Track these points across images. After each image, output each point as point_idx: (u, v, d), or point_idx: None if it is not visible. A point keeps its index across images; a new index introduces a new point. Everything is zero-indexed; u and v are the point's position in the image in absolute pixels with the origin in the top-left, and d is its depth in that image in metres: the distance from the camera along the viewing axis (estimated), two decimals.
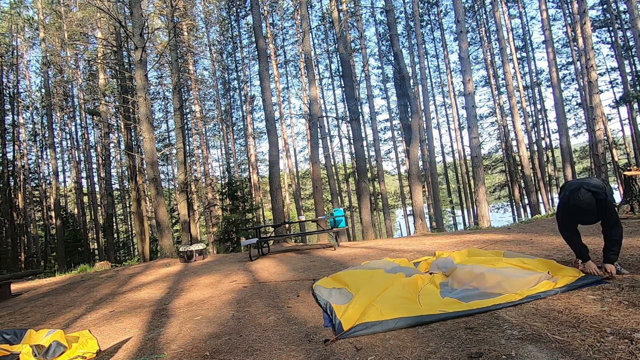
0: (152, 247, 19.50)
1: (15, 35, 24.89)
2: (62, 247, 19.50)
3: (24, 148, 27.06)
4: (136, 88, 10.93)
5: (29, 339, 2.86)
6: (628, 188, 6.24)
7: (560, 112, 18.32)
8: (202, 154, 27.96)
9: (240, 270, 6.32)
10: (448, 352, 2.08)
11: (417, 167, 13.64)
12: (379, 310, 2.77)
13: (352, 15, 21.22)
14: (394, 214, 37.76)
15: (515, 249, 4.61)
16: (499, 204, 31.64)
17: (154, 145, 10.17)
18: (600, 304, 2.45)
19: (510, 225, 8.90)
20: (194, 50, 23.27)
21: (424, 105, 19.60)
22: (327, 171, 21.77)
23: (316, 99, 13.34)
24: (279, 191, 12.64)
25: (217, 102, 28.46)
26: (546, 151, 25.41)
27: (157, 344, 2.99)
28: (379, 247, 7.00)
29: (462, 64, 11.93)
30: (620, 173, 16.17)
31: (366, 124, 26.73)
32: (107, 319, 4.07)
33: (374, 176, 25.31)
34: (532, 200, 19.33)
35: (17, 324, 4.39)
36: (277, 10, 27.80)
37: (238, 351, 2.60)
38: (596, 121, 14.34)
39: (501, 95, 24.85)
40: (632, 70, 22.32)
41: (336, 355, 2.27)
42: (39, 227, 29.01)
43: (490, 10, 24.59)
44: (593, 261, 3.08)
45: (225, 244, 16.81)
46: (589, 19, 15.39)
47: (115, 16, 12.79)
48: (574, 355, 1.84)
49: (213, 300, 4.29)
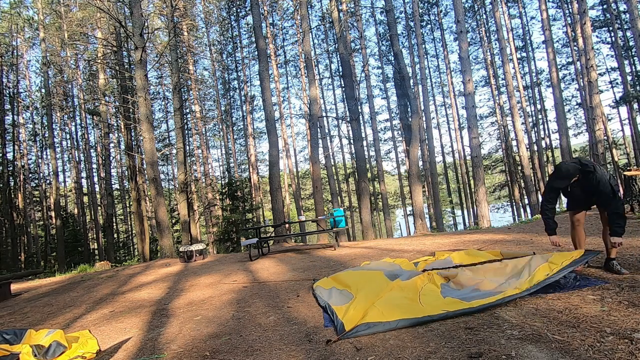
0: (152, 247, 19.50)
1: (15, 35, 24.89)
2: (62, 247, 19.49)
3: (24, 148, 27.07)
4: (136, 88, 10.93)
5: (29, 339, 2.86)
6: (628, 188, 6.24)
7: (560, 112, 18.32)
8: (202, 154, 27.96)
9: (240, 270, 6.32)
10: (448, 352, 2.08)
11: (417, 167, 13.64)
12: (380, 311, 2.77)
13: (352, 15, 21.22)
14: (394, 214, 37.75)
15: (515, 249, 4.61)
16: (499, 204, 31.63)
17: (154, 145, 10.17)
18: (600, 304, 2.45)
19: (511, 225, 8.90)
20: (194, 50, 23.26)
21: (424, 105, 19.59)
22: (327, 171, 21.77)
23: (316, 99, 13.34)
24: (279, 191, 12.64)
25: (217, 102, 28.46)
26: (546, 151, 25.40)
27: (157, 344, 2.99)
28: (379, 247, 7.00)
29: (462, 64, 11.93)
30: (620, 173, 16.16)
31: (366, 124, 26.74)
32: (107, 319, 4.07)
33: (374, 176, 25.31)
34: (532, 200, 19.32)
35: (17, 324, 4.39)
36: (277, 10, 27.80)
37: (238, 351, 2.59)
38: (596, 121, 14.33)
39: (501, 95, 24.84)
40: (632, 70, 22.31)
41: (336, 355, 2.27)
42: (39, 227, 29.00)
43: (490, 10, 24.59)
44: (592, 262, 3.09)
45: (225, 244, 16.82)
46: (589, 19, 15.39)
47: (115, 16, 12.79)
48: (574, 355, 1.84)
49: (213, 300, 4.29)
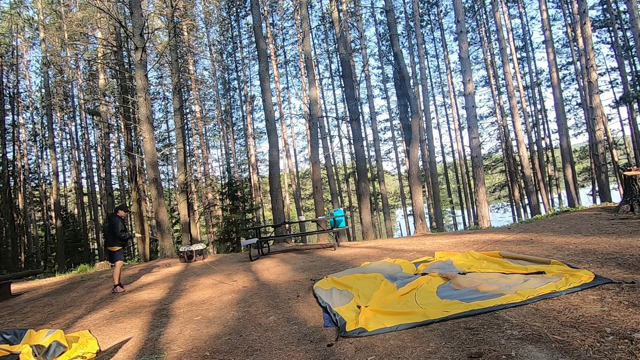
0: (152, 247, 19.50)
1: (15, 35, 24.88)
2: (62, 247, 19.49)
3: (24, 148, 27.06)
4: (136, 88, 10.93)
5: (29, 339, 2.86)
6: (628, 188, 6.24)
7: (560, 112, 18.31)
8: (202, 154, 27.96)
9: (241, 270, 6.32)
10: (448, 352, 2.07)
11: (417, 167, 13.64)
12: (381, 314, 2.77)
13: (352, 16, 21.21)
14: (394, 214, 37.76)
15: (515, 249, 4.61)
16: (499, 204, 31.63)
17: (154, 145, 10.17)
18: (600, 304, 2.44)
19: (511, 225, 8.89)
20: (194, 51, 23.26)
21: (424, 105, 19.58)
22: (327, 171, 21.77)
23: (316, 100, 13.34)
24: (279, 191, 12.65)
25: (217, 102, 28.46)
26: (546, 151, 25.39)
27: (157, 344, 2.99)
28: (379, 247, 7.00)
29: (462, 64, 11.93)
30: (620, 173, 16.16)
31: (366, 124, 26.73)
32: (107, 319, 4.07)
33: (374, 176, 25.31)
34: (532, 200, 19.32)
35: (17, 324, 4.39)
36: (277, 10, 27.80)
37: (238, 351, 2.60)
38: (596, 121, 14.33)
39: (501, 95, 24.84)
40: (632, 70, 22.30)
41: (336, 355, 2.27)
42: (39, 227, 28.99)
43: (490, 11, 24.59)
44: (592, 262, 3.08)
45: (226, 244, 16.81)
46: (589, 19, 15.39)
47: (115, 16, 12.79)
48: (574, 355, 1.84)
49: (213, 301, 4.29)
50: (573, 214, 7.42)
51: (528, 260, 3.74)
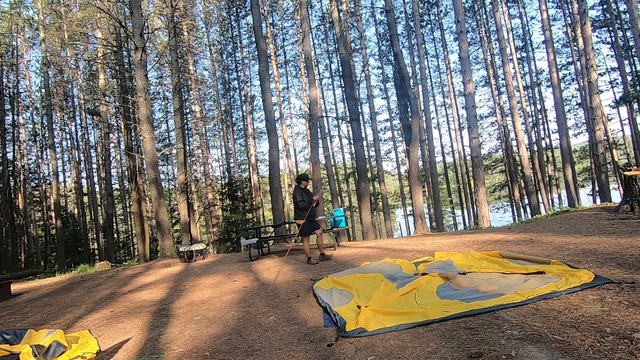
0: (152, 247, 19.50)
1: (15, 35, 24.88)
2: (62, 247, 19.49)
3: (24, 148, 27.06)
4: (136, 88, 10.93)
5: (29, 339, 2.86)
6: (628, 188, 6.24)
7: (560, 112, 18.31)
8: (202, 154, 27.96)
9: (241, 270, 6.32)
10: (448, 352, 2.08)
11: (417, 167, 13.63)
12: (381, 314, 2.77)
13: (352, 16, 21.21)
14: (394, 214, 37.76)
15: (515, 249, 4.61)
16: (499, 204, 31.63)
17: (154, 145, 10.17)
18: (600, 304, 2.44)
19: (511, 225, 8.89)
20: (194, 51, 23.25)
21: (424, 106, 19.58)
22: (327, 171, 21.78)
23: (316, 100, 13.33)
24: (279, 191, 12.66)
25: (217, 102, 28.46)
26: (546, 151, 25.39)
27: (157, 344, 2.99)
28: (379, 247, 7.00)
29: (462, 64, 11.93)
30: (620, 173, 16.17)
31: (366, 124, 26.74)
32: (107, 320, 4.07)
33: (374, 176, 25.31)
34: (532, 200, 19.32)
35: (17, 324, 4.39)
36: (277, 10, 27.81)
37: (238, 351, 2.60)
38: (596, 121, 14.33)
39: (501, 95, 24.84)
40: (632, 70, 22.30)
41: (336, 355, 2.27)
42: (39, 227, 29.00)
43: (490, 11, 24.59)
44: (592, 262, 3.08)
45: (226, 244, 16.81)
46: (589, 19, 15.39)
47: (115, 16, 12.79)
48: (574, 355, 1.84)
49: (213, 301, 4.29)
50: (573, 214, 7.42)
51: (528, 260, 3.73)
